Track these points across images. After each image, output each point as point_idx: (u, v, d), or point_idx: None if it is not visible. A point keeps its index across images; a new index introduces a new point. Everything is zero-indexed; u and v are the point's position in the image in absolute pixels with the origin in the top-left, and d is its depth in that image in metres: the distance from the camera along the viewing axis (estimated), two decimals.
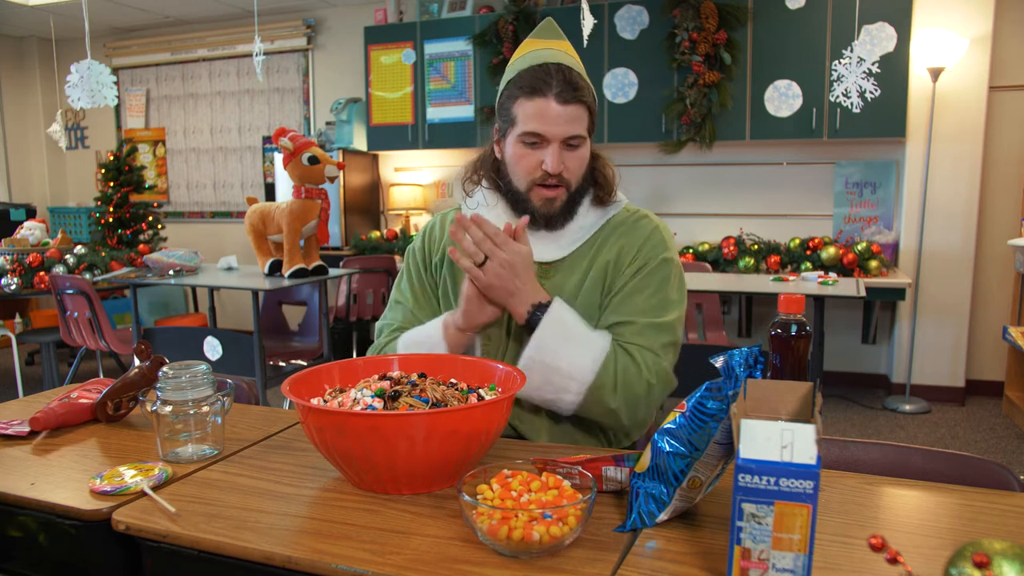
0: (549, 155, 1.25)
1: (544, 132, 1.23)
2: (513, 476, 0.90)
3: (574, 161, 1.28)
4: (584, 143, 1.28)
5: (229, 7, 5.64)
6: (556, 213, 1.30)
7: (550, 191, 1.28)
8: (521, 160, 1.28)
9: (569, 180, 1.28)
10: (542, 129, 1.23)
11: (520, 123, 1.26)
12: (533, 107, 1.23)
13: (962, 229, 4.19)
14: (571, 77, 1.24)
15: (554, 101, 1.22)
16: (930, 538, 0.85)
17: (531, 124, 1.24)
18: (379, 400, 1.01)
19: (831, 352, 4.62)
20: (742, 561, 0.72)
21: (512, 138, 1.28)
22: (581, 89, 1.24)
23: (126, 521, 0.92)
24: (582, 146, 1.28)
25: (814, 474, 0.69)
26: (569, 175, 1.28)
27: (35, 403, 1.39)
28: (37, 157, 6.72)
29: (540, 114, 1.23)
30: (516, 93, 1.26)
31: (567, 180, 1.28)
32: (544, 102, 1.22)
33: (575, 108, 1.23)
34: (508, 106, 1.28)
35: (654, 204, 4.92)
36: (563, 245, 1.33)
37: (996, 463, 1.08)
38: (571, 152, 1.27)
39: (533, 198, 1.30)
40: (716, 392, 0.84)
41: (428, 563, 0.80)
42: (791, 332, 0.89)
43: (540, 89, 1.23)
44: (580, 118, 1.25)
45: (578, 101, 1.23)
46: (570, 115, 1.23)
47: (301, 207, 3.41)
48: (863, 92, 3.18)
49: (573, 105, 1.23)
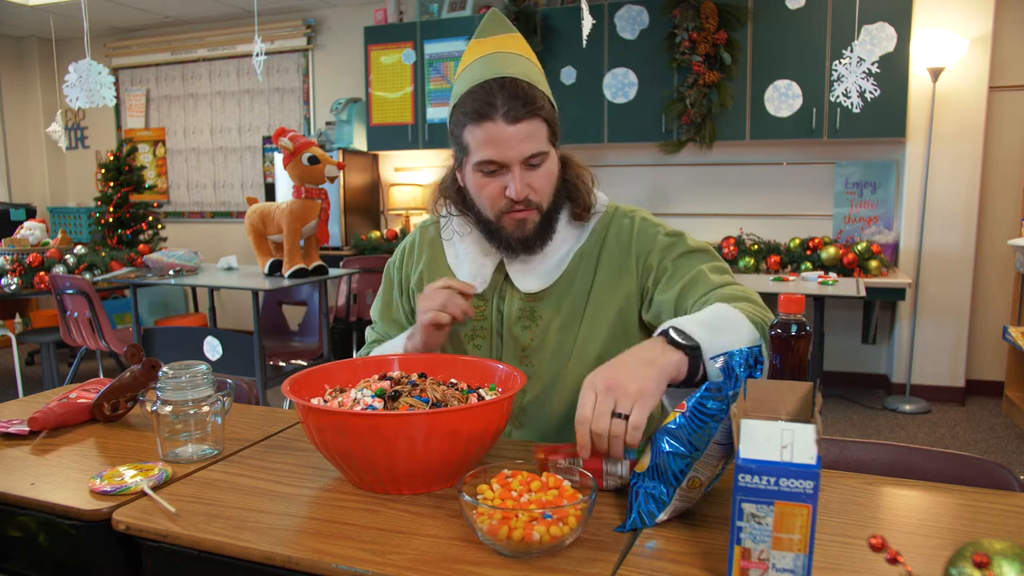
0: (512, 181, 1.15)
1: (500, 158, 1.14)
2: (513, 476, 0.90)
3: (540, 180, 1.18)
4: (547, 157, 1.18)
5: (229, 7, 5.64)
6: (531, 236, 1.21)
7: (520, 214, 1.19)
8: (483, 190, 1.19)
9: (539, 201, 1.19)
10: (497, 156, 1.14)
11: (474, 152, 1.16)
12: (483, 133, 1.13)
13: (962, 229, 4.19)
14: (517, 90, 1.12)
15: (503, 123, 1.11)
16: (930, 538, 0.85)
17: (485, 152, 1.14)
18: (379, 400, 1.01)
19: (831, 352, 4.62)
20: (742, 561, 0.72)
21: (469, 167, 1.19)
22: (532, 101, 1.13)
23: (126, 521, 0.92)
24: (546, 161, 1.18)
25: (814, 474, 0.69)
26: (538, 196, 1.19)
27: (35, 403, 1.39)
28: (37, 157, 6.72)
29: (491, 140, 1.13)
30: (463, 120, 1.16)
31: (536, 202, 1.19)
32: (493, 126, 1.12)
33: (528, 124, 1.12)
34: (459, 133, 1.18)
35: (654, 204, 4.93)
36: (549, 271, 1.26)
37: (996, 463, 1.08)
38: (535, 171, 1.17)
39: (505, 225, 1.21)
40: (716, 392, 0.84)
41: (428, 563, 0.80)
42: (791, 332, 0.89)
43: (486, 113, 1.12)
44: (536, 132, 1.14)
45: (530, 116, 1.12)
46: (524, 133, 1.12)
47: (301, 207, 3.41)
48: (863, 92, 3.18)
49: (525, 122, 1.12)
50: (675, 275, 1.21)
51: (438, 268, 1.35)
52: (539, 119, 1.14)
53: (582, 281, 1.27)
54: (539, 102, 1.15)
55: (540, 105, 1.14)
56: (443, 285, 1.18)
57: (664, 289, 1.21)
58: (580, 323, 1.26)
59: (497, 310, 1.29)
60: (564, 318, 1.26)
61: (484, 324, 1.30)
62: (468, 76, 1.18)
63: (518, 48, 1.21)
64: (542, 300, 1.27)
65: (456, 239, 1.32)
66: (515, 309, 1.28)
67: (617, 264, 1.26)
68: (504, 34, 1.22)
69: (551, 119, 1.18)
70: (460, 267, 1.32)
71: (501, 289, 1.30)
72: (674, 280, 1.20)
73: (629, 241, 1.26)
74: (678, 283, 1.19)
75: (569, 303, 1.26)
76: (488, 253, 1.30)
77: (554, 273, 1.27)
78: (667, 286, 1.20)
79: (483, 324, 1.30)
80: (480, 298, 1.30)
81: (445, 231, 1.35)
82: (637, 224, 1.28)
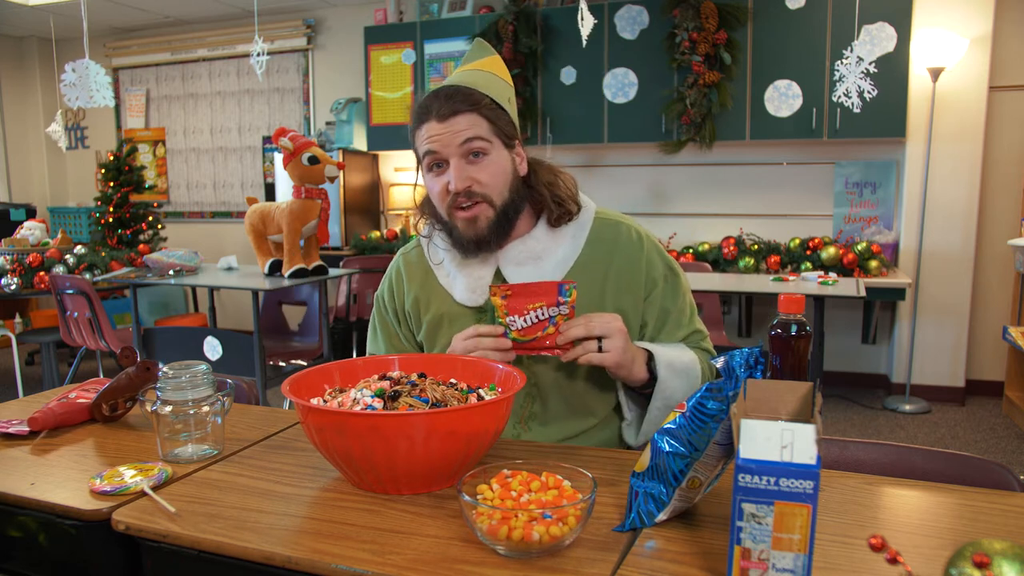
0: (451, 172, 1.20)
1: (437, 150, 1.20)
2: (513, 476, 0.90)
3: (484, 172, 1.20)
4: (491, 148, 1.20)
5: (229, 7, 5.64)
6: (485, 234, 1.23)
7: (467, 211, 1.21)
8: (432, 188, 1.25)
9: (485, 193, 1.21)
10: (435, 147, 1.20)
11: (420, 151, 1.24)
12: (422, 133, 1.21)
13: (962, 229, 4.19)
14: (451, 91, 1.19)
15: (435, 121, 1.19)
16: (930, 538, 0.85)
17: (426, 146, 1.21)
18: (379, 400, 1.01)
19: (831, 352, 4.63)
20: (742, 561, 0.72)
21: (423, 170, 1.26)
22: (465, 99, 1.19)
23: (126, 521, 0.92)
24: (490, 152, 1.20)
25: (814, 474, 0.69)
26: (482, 188, 1.21)
27: (35, 403, 1.39)
28: (37, 157, 6.73)
29: (428, 137, 1.20)
30: (412, 127, 1.25)
31: (481, 193, 1.21)
32: (427, 126, 1.20)
33: (461, 117, 1.18)
34: (413, 142, 1.26)
35: (654, 204, 4.93)
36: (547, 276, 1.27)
37: (996, 463, 1.08)
38: (477, 163, 1.20)
39: (457, 224, 1.24)
40: (716, 392, 0.84)
41: (428, 563, 0.80)
42: (791, 332, 0.89)
43: (423, 117, 1.21)
44: (472, 124, 1.19)
45: (462, 111, 1.18)
46: (456, 126, 1.18)
47: (301, 207, 3.41)
48: (862, 92, 3.18)
49: (458, 116, 1.18)
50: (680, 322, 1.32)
51: (432, 290, 1.34)
52: (474, 113, 1.19)
53: (590, 292, 1.27)
54: (475, 99, 1.20)
55: (476, 102, 1.19)
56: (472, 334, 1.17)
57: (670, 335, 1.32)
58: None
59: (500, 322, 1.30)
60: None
61: None
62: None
63: (486, 66, 1.26)
64: None
65: (445, 258, 1.33)
66: None
67: (627, 281, 1.29)
68: (484, 58, 1.28)
69: (494, 117, 1.21)
70: (454, 285, 1.31)
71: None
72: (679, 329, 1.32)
73: (638, 261, 1.30)
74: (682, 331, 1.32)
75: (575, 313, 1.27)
76: (482, 265, 1.29)
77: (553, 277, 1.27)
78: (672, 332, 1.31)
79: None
80: (482, 311, 1.30)
81: (432, 253, 1.35)
82: (645, 243, 1.31)
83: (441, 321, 1.33)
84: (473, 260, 1.29)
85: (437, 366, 1.18)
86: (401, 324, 1.39)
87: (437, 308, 1.33)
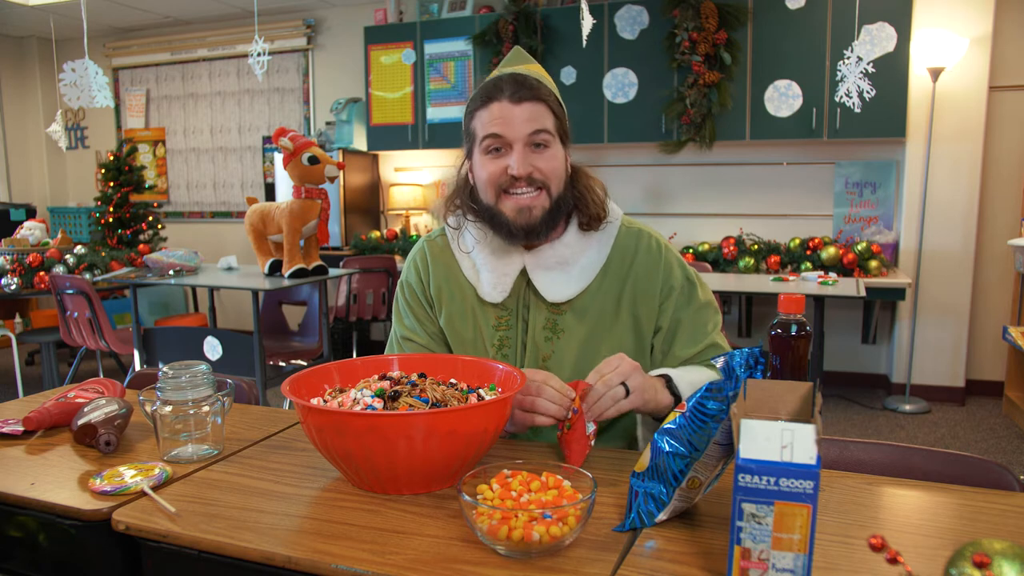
0: (514, 158, 1.18)
1: (503, 132, 1.18)
2: (513, 476, 0.90)
3: (545, 161, 1.20)
4: (553, 142, 1.20)
5: (229, 7, 5.64)
6: (536, 223, 1.21)
7: (524, 198, 1.20)
8: (486, 167, 1.21)
9: (544, 181, 1.20)
10: (501, 130, 1.18)
11: (480, 133, 1.21)
12: (488, 113, 1.19)
13: (962, 229, 4.19)
14: (523, 79, 1.19)
15: (507, 101, 1.17)
16: (930, 538, 0.85)
17: (490, 128, 1.19)
18: (379, 400, 1.01)
19: (831, 352, 4.63)
20: (742, 561, 0.72)
21: (477, 153, 1.23)
22: (537, 88, 1.19)
23: (126, 521, 0.92)
24: (551, 145, 1.20)
25: (814, 474, 0.69)
26: (542, 176, 1.20)
27: (34, 403, 1.39)
28: (37, 157, 6.72)
29: (496, 117, 1.18)
30: (472, 108, 1.23)
31: (541, 181, 1.20)
32: (498, 105, 1.18)
33: (532, 105, 1.18)
34: (469, 124, 1.24)
35: (654, 204, 4.93)
36: (572, 280, 1.26)
37: (996, 463, 1.08)
38: (539, 153, 1.19)
39: (505, 210, 1.21)
40: (716, 393, 0.84)
41: (428, 563, 0.80)
42: (791, 332, 0.89)
43: (493, 96, 1.19)
44: (542, 115, 1.18)
45: (534, 99, 1.18)
46: (528, 113, 1.17)
47: (301, 207, 3.41)
48: (862, 92, 3.18)
49: (529, 103, 1.18)
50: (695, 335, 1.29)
51: (455, 280, 1.33)
52: (544, 105, 1.19)
53: (607, 298, 1.27)
54: (545, 92, 1.20)
55: (546, 95, 1.19)
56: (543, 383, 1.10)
57: (685, 346, 1.28)
58: (603, 339, 1.27)
59: (522, 319, 1.30)
60: (587, 332, 1.27)
61: (510, 335, 1.30)
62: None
63: (537, 70, 1.26)
64: (565, 313, 1.28)
65: (474, 250, 1.31)
66: (540, 320, 1.28)
67: (643, 287, 1.28)
68: (529, 64, 1.28)
69: (558, 112, 1.21)
70: (480, 279, 1.30)
71: (526, 298, 1.29)
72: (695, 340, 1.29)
73: (656, 268, 1.29)
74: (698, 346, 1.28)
75: (593, 319, 1.27)
76: (509, 262, 1.28)
77: (579, 283, 1.26)
78: (688, 344, 1.28)
79: (509, 335, 1.30)
80: (504, 308, 1.30)
81: (460, 242, 1.33)
82: (664, 252, 1.30)
83: (464, 312, 1.32)
84: (502, 257, 1.28)
85: (437, 366, 1.18)
86: (430, 307, 1.36)
87: (460, 299, 1.32)
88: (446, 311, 1.33)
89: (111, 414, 1.19)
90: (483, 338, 1.31)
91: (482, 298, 1.30)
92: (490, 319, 1.30)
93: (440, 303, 1.34)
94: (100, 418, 1.17)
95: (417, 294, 1.36)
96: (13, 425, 1.23)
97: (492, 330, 1.30)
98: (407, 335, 1.36)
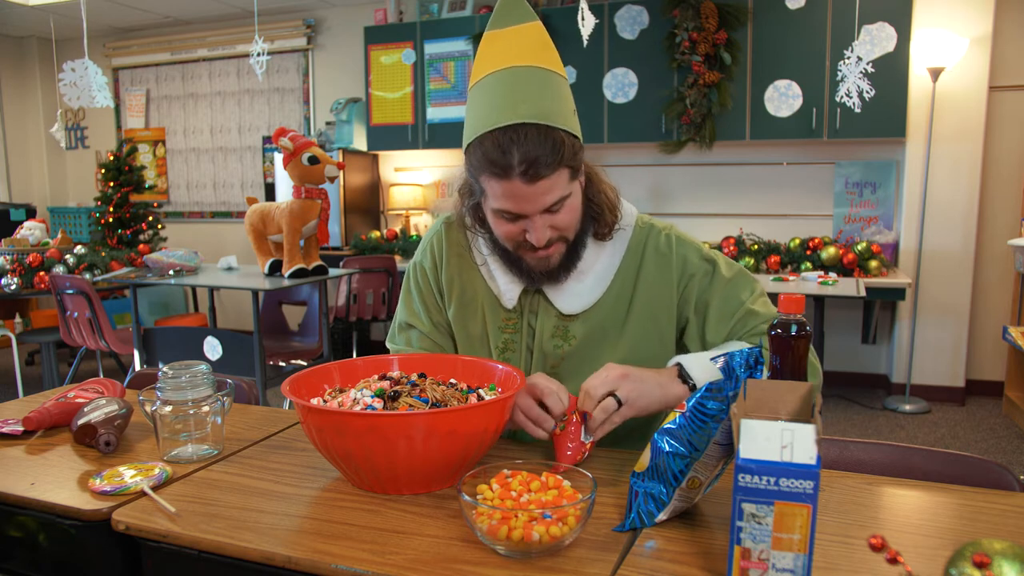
0: (531, 229, 1.11)
1: (519, 210, 1.09)
2: (513, 476, 0.90)
3: (562, 219, 1.13)
4: (569, 197, 1.12)
5: (229, 7, 5.64)
6: (556, 268, 1.18)
7: (543, 252, 1.15)
8: (501, 228, 1.15)
9: (562, 236, 1.16)
10: (515, 207, 1.09)
11: (492, 199, 1.12)
12: (500, 189, 1.08)
13: (962, 229, 4.19)
14: (535, 145, 1.04)
15: (520, 182, 1.05)
16: (930, 538, 0.85)
17: (502, 203, 1.10)
18: (379, 400, 1.01)
19: (831, 352, 4.62)
20: (742, 561, 0.72)
21: (488, 205, 1.14)
22: (550, 153, 1.05)
23: (126, 521, 0.92)
24: (568, 199, 1.12)
25: (814, 474, 0.69)
26: (560, 232, 1.15)
27: (34, 403, 1.39)
28: (37, 157, 6.72)
29: (509, 195, 1.08)
30: (480, 166, 1.09)
31: (559, 237, 1.15)
32: (510, 185, 1.06)
33: (547, 180, 1.06)
34: (475, 174, 1.12)
35: (654, 204, 4.92)
36: (586, 291, 1.22)
37: (996, 463, 1.08)
38: (556, 214, 1.11)
39: (526, 259, 1.18)
40: (716, 393, 0.84)
41: (428, 563, 0.80)
42: (791, 332, 0.89)
43: (504, 171, 1.05)
44: (556, 184, 1.08)
45: (549, 172, 1.06)
46: (543, 189, 1.07)
47: (301, 207, 3.41)
48: (862, 92, 3.18)
49: (543, 180, 1.06)
50: (723, 312, 1.21)
51: (468, 275, 1.30)
52: (558, 171, 1.07)
53: (619, 300, 1.23)
54: (558, 150, 1.06)
55: (559, 155, 1.06)
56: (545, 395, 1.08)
57: (716, 327, 1.21)
58: (616, 340, 1.24)
59: (529, 325, 1.26)
60: (598, 335, 1.24)
61: (515, 338, 1.27)
62: (482, 99, 1.10)
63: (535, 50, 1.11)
64: (576, 319, 1.24)
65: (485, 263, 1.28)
66: (548, 327, 1.25)
67: (656, 286, 1.23)
68: (521, 22, 1.12)
69: (572, 158, 1.09)
70: (493, 280, 1.27)
71: (533, 304, 1.26)
72: (726, 316, 1.21)
73: (668, 264, 1.23)
74: (731, 321, 1.20)
75: (603, 321, 1.24)
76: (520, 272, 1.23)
77: (592, 294, 1.23)
78: (719, 323, 1.21)
79: (515, 338, 1.27)
80: (512, 311, 1.27)
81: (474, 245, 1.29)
82: (675, 246, 1.24)
83: (475, 308, 1.29)
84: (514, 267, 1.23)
85: (437, 366, 1.18)
86: (440, 296, 1.33)
87: (472, 294, 1.29)
88: (456, 304, 1.30)
89: (111, 414, 1.19)
90: (488, 337, 1.29)
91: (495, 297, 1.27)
92: (498, 319, 1.28)
93: (451, 295, 1.31)
94: (100, 418, 1.17)
95: (429, 279, 1.33)
96: (13, 425, 1.23)
97: (498, 331, 1.27)
98: (410, 320, 1.33)
